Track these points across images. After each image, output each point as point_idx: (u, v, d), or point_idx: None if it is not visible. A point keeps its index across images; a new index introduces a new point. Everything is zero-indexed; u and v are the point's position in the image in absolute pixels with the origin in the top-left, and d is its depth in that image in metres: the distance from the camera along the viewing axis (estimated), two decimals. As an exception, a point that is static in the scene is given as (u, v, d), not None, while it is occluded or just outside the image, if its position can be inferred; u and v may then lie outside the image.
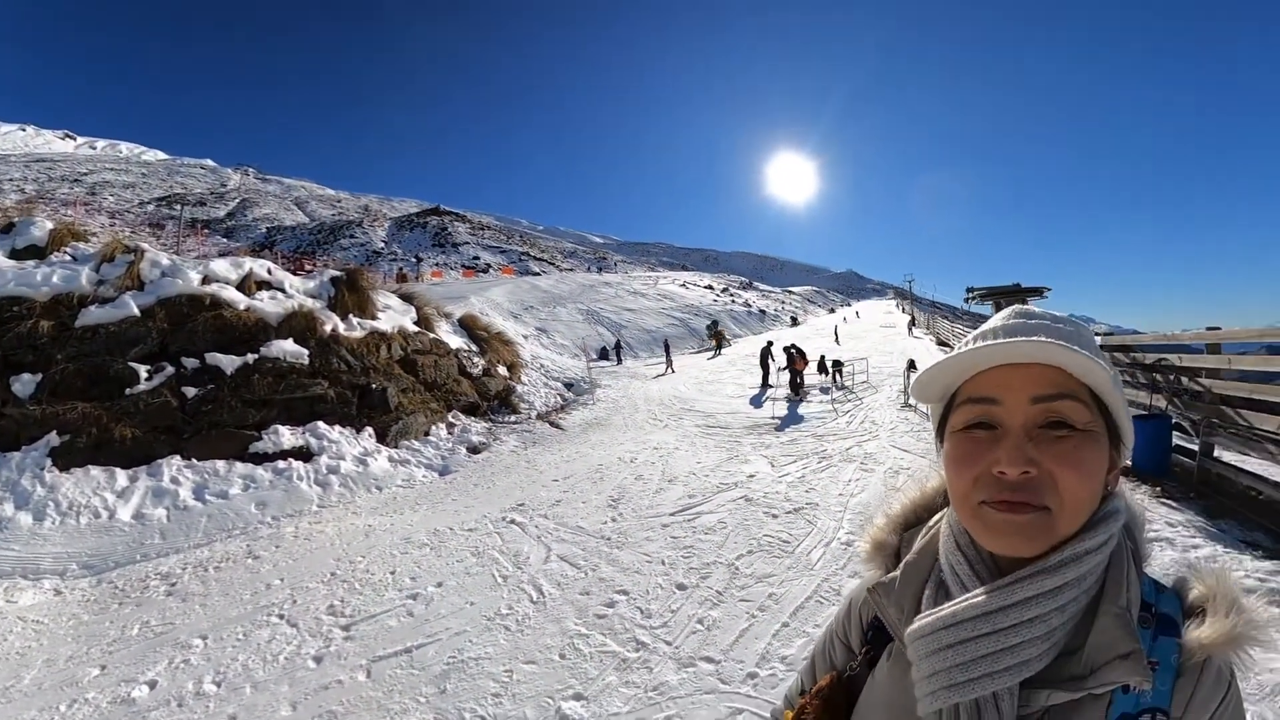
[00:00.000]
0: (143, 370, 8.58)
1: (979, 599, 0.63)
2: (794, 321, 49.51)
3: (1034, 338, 0.63)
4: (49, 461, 7.22)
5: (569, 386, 17.19)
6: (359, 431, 9.66)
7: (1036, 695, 0.61)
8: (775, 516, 6.26)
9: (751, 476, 7.93)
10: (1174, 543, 4.71)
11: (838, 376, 16.61)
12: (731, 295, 52.34)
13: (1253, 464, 5.49)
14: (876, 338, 31.91)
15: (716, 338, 22.50)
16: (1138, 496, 6.70)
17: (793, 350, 16.18)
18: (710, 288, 53.61)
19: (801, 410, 13.01)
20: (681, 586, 4.74)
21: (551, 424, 12.82)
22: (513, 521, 6.65)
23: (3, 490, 6.77)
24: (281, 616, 4.75)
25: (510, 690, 3.54)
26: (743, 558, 5.23)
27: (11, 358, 8.11)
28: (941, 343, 27.00)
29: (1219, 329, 5.95)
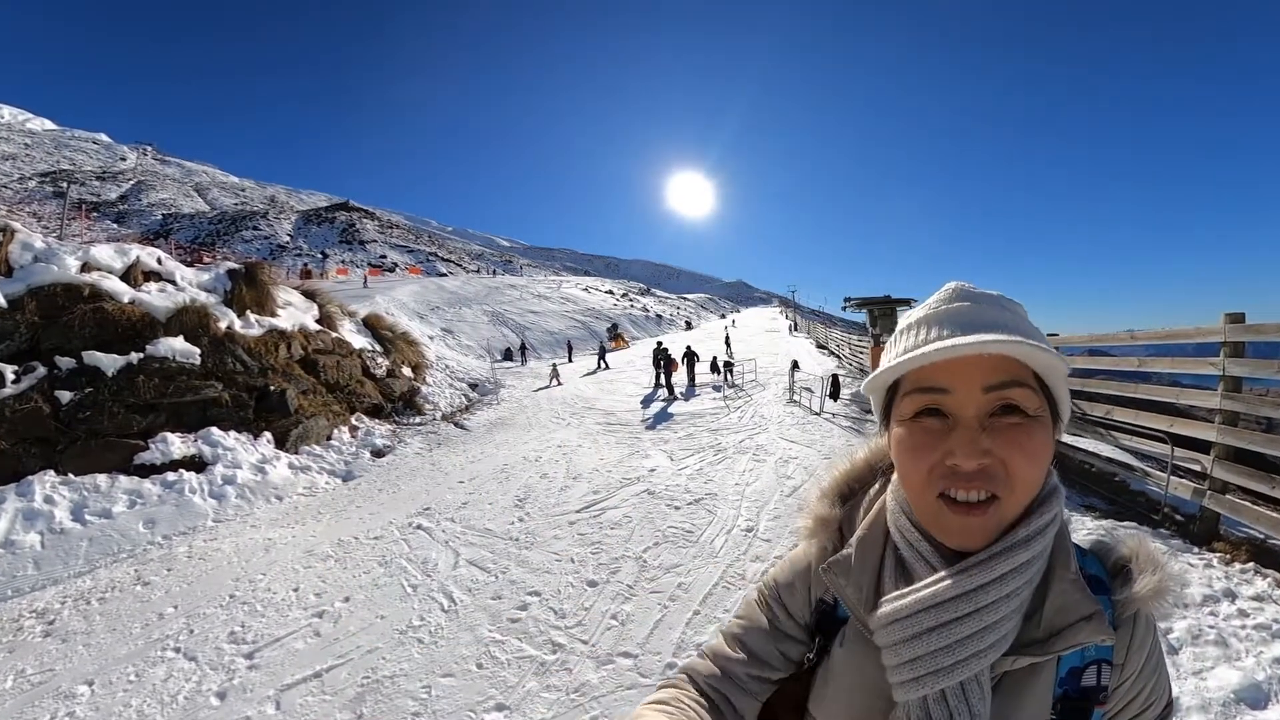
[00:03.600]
0: (9, 371, 7.27)
1: (958, 579, 0.60)
2: (688, 325, 50.65)
3: (993, 335, 0.59)
4: None
5: (474, 387, 16.63)
6: (256, 437, 8.77)
7: (1001, 662, 0.61)
8: (677, 508, 6.26)
9: (652, 470, 7.92)
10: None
11: (728, 376, 17.07)
12: (631, 300, 52.84)
13: (1085, 443, 6.14)
14: (763, 341, 33.16)
15: (603, 351, 22.16)
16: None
17: (667, 352, 16.44)
18: (611, 293, 53.84)
19: (696, 407, 13.25)
20: (592, 583, 4.62)
21: (456, 425, 12.31)
22: (419, 527, 6.26)
23: None
24: (178, 650, 4.13)
25: (430, 707, 3.28)
26: (650, 550, 5.18)
27: None
28: (820, 345, 28.52)
29: (1057, 335, 6.74)
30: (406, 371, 14.48)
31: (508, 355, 25.26)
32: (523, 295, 38.68)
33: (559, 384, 18.33)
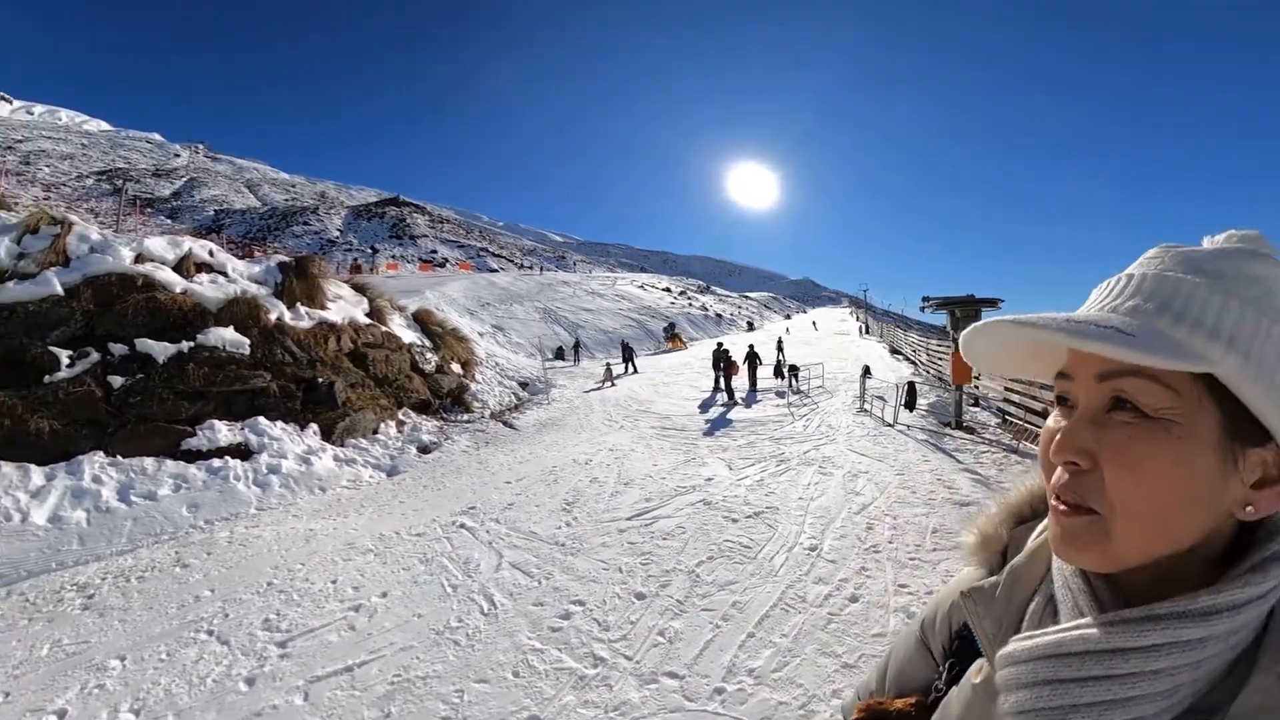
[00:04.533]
0: (64, 356, 7.83)
1: (1092, 631, 0.51)
2: (750, 326, 50.09)
3: (1097, 316, 0.52)
4: None
5: (524, 386, 16.88)
6: (303, 428, 9.14)
7: None
8: (735, 521, 6.15)
9: (709, 480, 7.82)
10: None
11: (793, 381, 16.74)
12: (689, 298, 52.68)
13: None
14: (831, 344, 32.46)
15: (629, 353, 21.90)
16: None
17: (727, 354, 16.23)
18: (668, 290, 53.81)
19: (758, 414, 13.03)
20: (640, 596, 4.57)
21: (505, 424, 12.51)
22: (463, 526, 6.37)
23: None
24: (211, 633, 4.34)
25: (461, 713, 3.30)
26: (703, 564, 5.09)
27: None
28: (894, 350, 27.64)
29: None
30: (456, 368, 14.84)
31: (559, 354, 25.57)
32: (576, 292, 39.06)
33: (612, 385, 18.41)
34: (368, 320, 12.68)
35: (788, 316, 75.63)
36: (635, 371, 21.42)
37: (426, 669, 3.73)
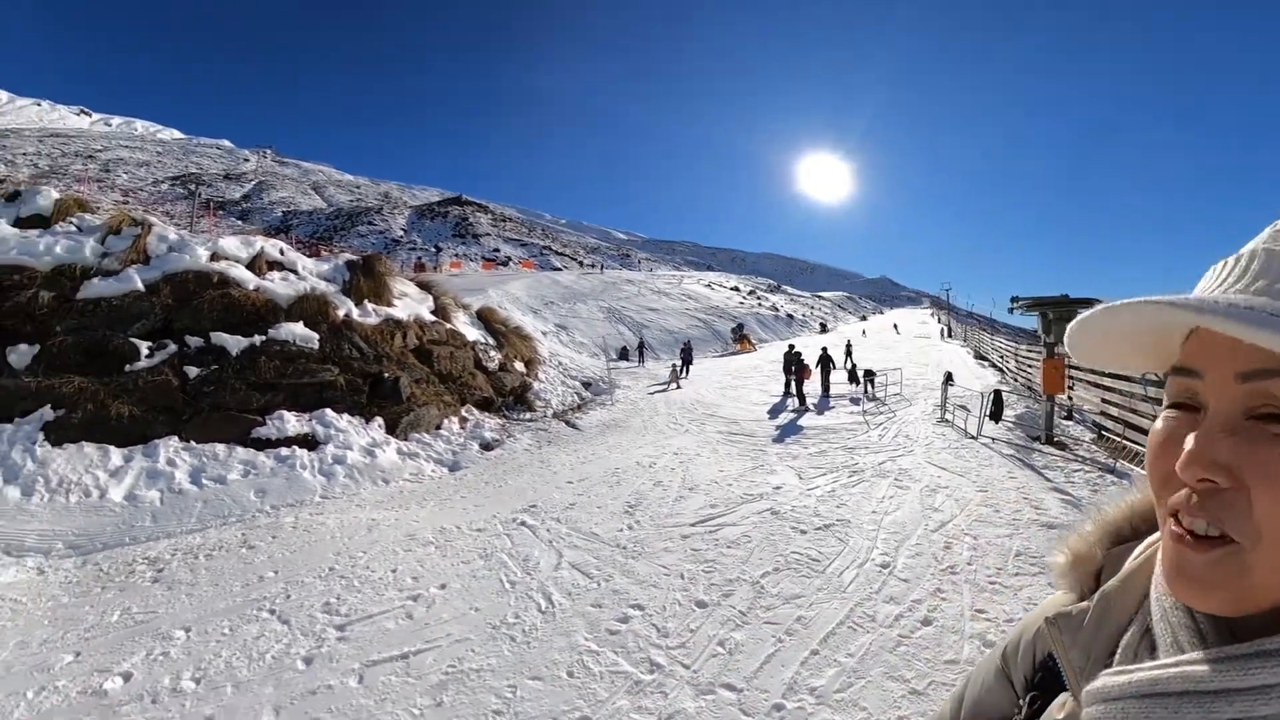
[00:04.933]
0: (144, 347, 8.57)
1: (1194, 669, 0.44)
2: (823, 328, 49.06)
3: (1239, 298, 0.44)
4: (41, 436, 7.22)
5: (587, 386, 17.08)
6: (368, 421, 9.57)
7: None
8: (804, 532, 6.05)
9: (778, 488, 7.72)
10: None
11: (869, 387, 16.28)
12: (758, 298, 52.03)
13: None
14: (910, 348, 31.43)
15: (687, 359, 21.27)
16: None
17: (799, 357, 15.85)
18: (736, 289, 53.31)
19: (830, 421, 12.74)
20: (701, 604, 4.56)
21: (568, 423, 12.69)
22: (524, 524, 6.51)
23: None
24: (272, 612, 4.63)
25: (513, 708, 3.37)
26: (768, 575, 5.03)
27: (9, 327, 8.17)
28: (979, 355, 26.47)
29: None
30: (519, 366, 15.18)
31: (623, 354, 25.74)
32: (640, 291, 39.23)
33: (678, 387, 18.38)
34: (433, 317, 13.14)
35: (863, 318, 73.53)
36: (683, 377, 20.33)
37: (481, 662, 3.83)
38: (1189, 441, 0.45)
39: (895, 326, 52.31)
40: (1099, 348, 0.55)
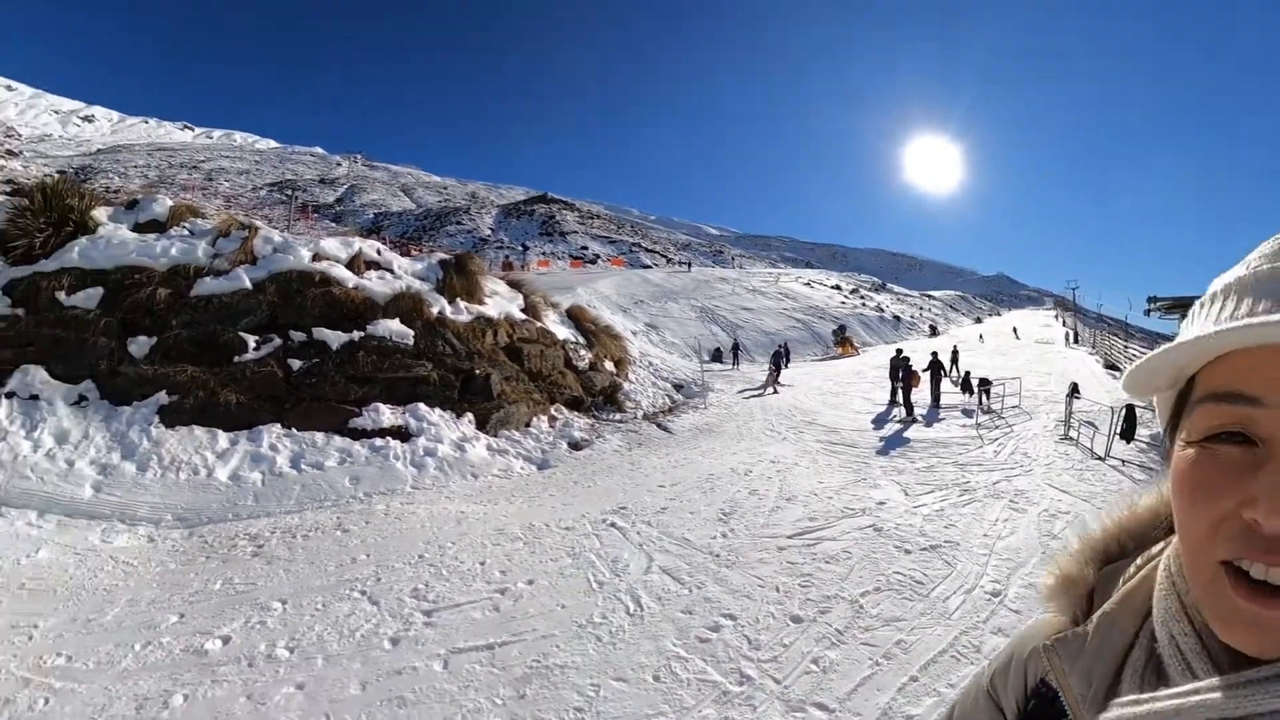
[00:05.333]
0: (251, 340, 9.45)
1: (1215, 696, 0.45)
2: (933, 331, 46.87)
3: None
4: (156, 418, 8.17)
5: (679, 388, 17.12)
6: (459, 416, 10.00)
7: None
8: (908, 552, 5.85)
9: (881, 504, 7.47)
10: None
11: (984, 398, 15.43)
12: (862, 297, 50.40)
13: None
14: (1031, 354, 29.50)
15: (778, 365, 20.21)
16: None
17: (907, 362, 15.13)
18: (838, 288, 51.88)
19: (940, 433, 12.19)
20: (797, 619, 4.50)
21: (659, 426, 12.76)
22: (613, 525, 6.63)
23: (113, 440, 7.77)
24: (364, 593, 4.97)
25: (595, 707, 3.45)
26: (868, 595, 4.91)
27: (130, 321, 9.24)
28: (1110, 365, 24.56)
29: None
30: (609, 366, 15.40)
31: (717, 356, 25.59)
32: (735, 289, 38.80)
33: (774, 391, 18.09)
34: (523, 316, 13.57)
35: (978, 320, 69.47)
36: (780, 382, 19.39)
37: (566, 659, 3.94)
38: (1267, 483, 0.43)
39: (1015, 330, 48.72)
40: (1149, 381, 0.54)
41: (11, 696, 3.62)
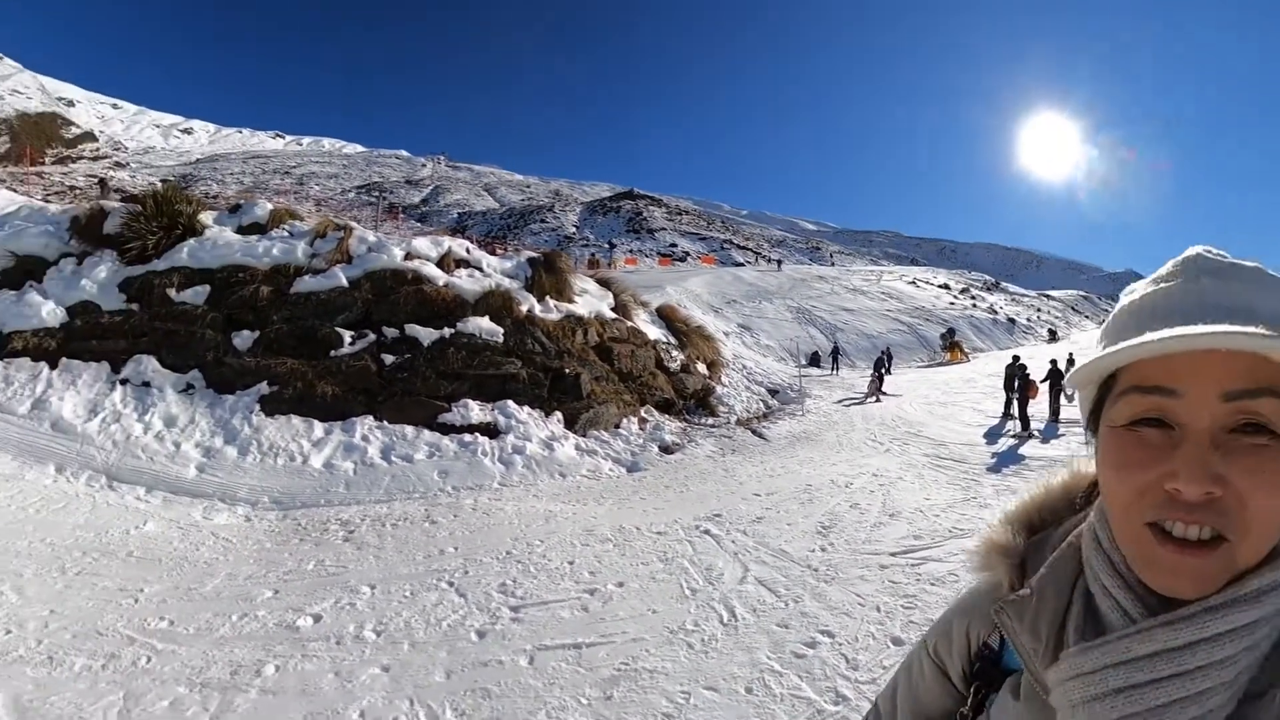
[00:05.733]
0: (347, 335, 10.20)
1: (1159, 632, 0.56)
2: (1052, 336, 44.00)
3: (1247, 327, 0.52)
4: (257, 406, 8.98)
5: (774, 393, 16.91)
6: (548, 415, 10.28)
7: None
8: (1022, 578, 5.55)
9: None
10: None
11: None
12: (973, 298, 47.91)
13: None
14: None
15: (881, 372, 18.98)
16: None
17: (1024, 370, 14.23)
18: (946, 287, 49.53)
19: (1059, 451, 11.46)
20: (898, 641, 4.34)
21: (754, 432, 12.64)
22: (707, 532, 6.61)
23: (216, 426, 8.60)
24: (451, 584, 5.21)
25: (684, 714, 3.46)
26: (977, 622, 4.69)
27: (235, 316, 10.20)
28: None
29: None
30: (701, 368, 15.40)
31: (814, 360, 25.12)
32: (833, 289, 37.83)
33: (877, 399, 17.55)
34: (613, 315, 13.77)
35: (1102, 323, 64.19)
36: (883, 390, 18.67)
37: (655, 664, 3.97)
38: (1184, 459, 0.54)
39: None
40: (1091, 377, 0.65)
41: (117, 653, 4.02)
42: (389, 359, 10.08)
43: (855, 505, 7.76)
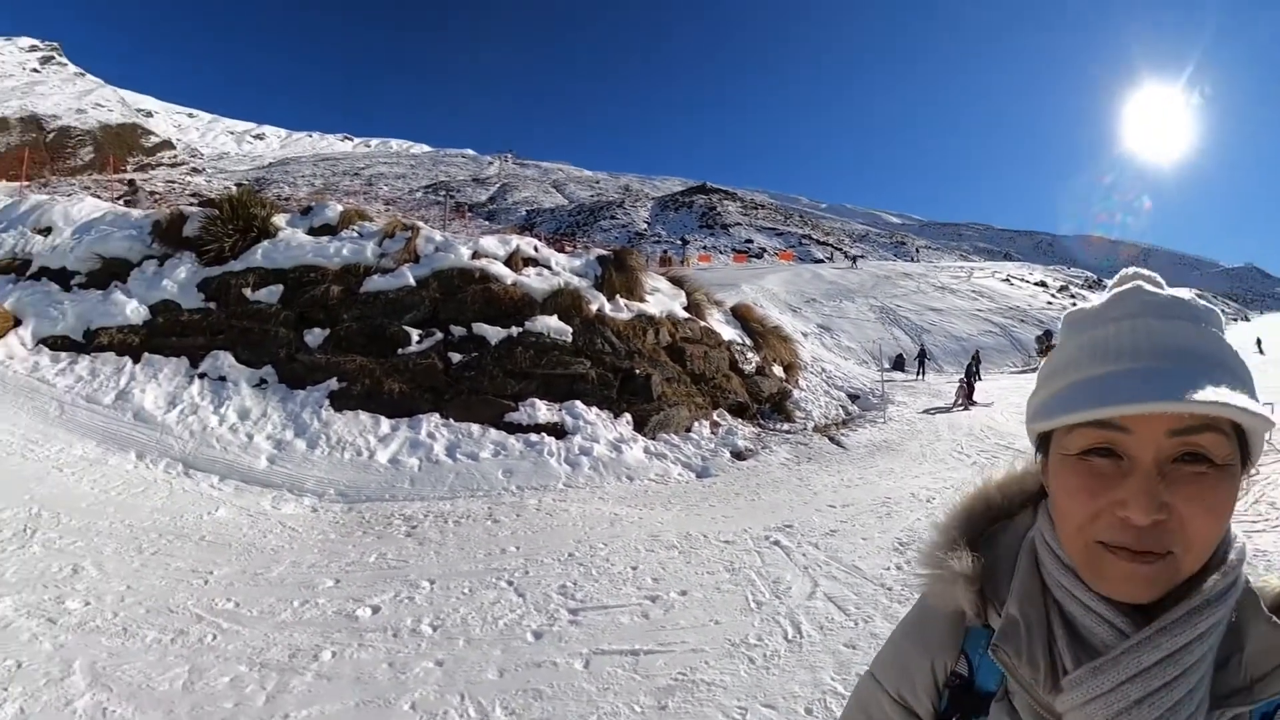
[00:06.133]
0: (415, 334, 10.59)
1: (1159, 639, 0.64)
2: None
3: (1206, 390, 0.61)
4: (327, 402, 9.46)
5: (854, 398, 16.54)
6: (616, 416, 10.32)
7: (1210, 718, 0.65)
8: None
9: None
10: None
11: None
12: (1073, 296, 45.42)
13: None
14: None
15: (970, 379, 17.79)
16: None
17: None
18: (1043, 284, 47.23)
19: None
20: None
21: (831, 439, 12.36)
22: (777, 543, 6.50)
23: (287, 419, 9.11)
24: (510, 583, 5.33)
25: (740, 730, 3.40)
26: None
27: (306, 315, 10.75)
28: None
29: None
30: (777, 371, 15.17)
31: (898, 364, 24.48)
32: (920, 286, 36.60)
33: (965, 408, 16.91)
34: (685, 314, 13.70)
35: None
36: (967, 398, 17.80)
37: (714, 676, 3.93)
38: (1134, 488, 0.62)
39: (1259, 343, 37.18)
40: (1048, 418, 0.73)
41: (186, 629, 4.35)
42: (456, 357, 10.37)
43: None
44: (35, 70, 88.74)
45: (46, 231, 12.04)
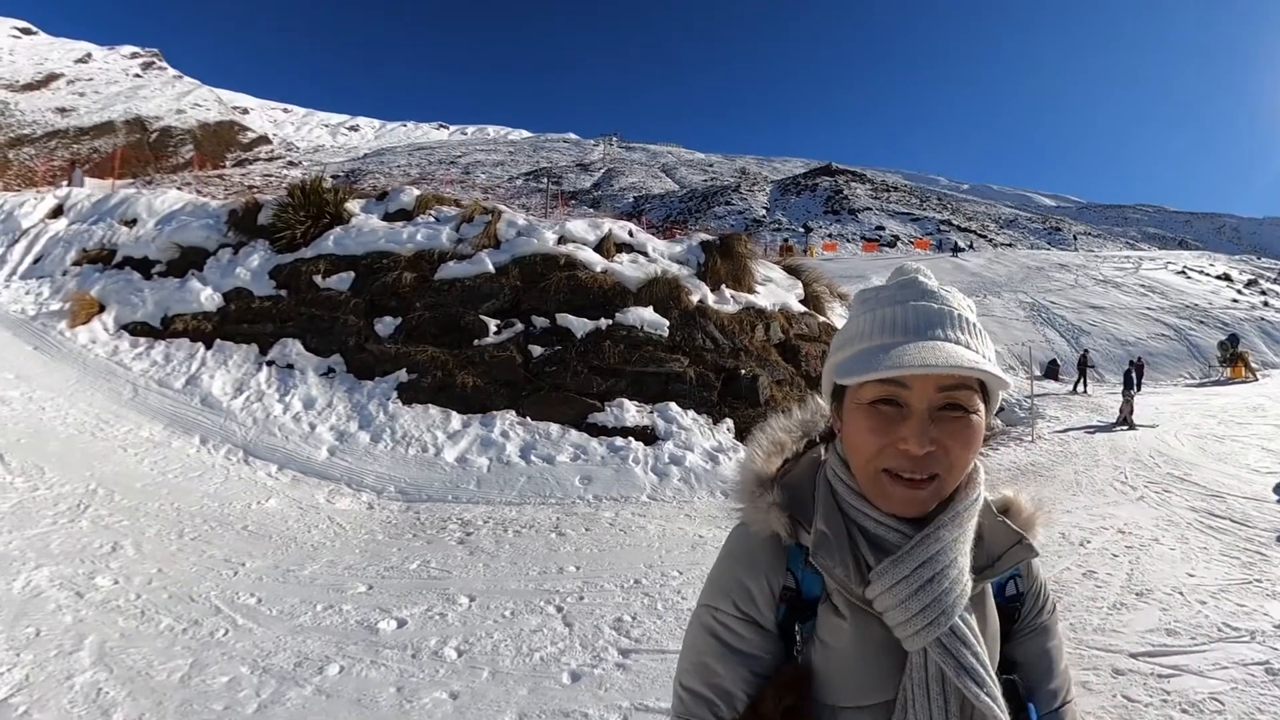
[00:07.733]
0: (492, 324, 10.59)
1: (941, 534, 0.96)
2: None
3: (969, 359, 0.92)
4: (395, 394, 9.64)
5: (998, 411, 15.45)
6: (716, 422, 9.91)
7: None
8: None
9: (1283, 627, 5.53)
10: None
11: None
12: (1264, 292, 40.75)
13: None
14: None
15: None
16: None
17: None
18: (1226, 278, 42.66)
19: None
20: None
21: (967, 458, 11.60)
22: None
23: (352, 410, 9.43)
24: (559, 609, 5.06)
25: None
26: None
27: (377, 303, 11.06)
28: None
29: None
30: (907, 374, 14.45)
31: (1051, 371, 22.91)
32: (1078, 280, 34.27)
33: (1130, 426, 15.39)
34: (801, 308, 13.15)
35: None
36: (1130, 416, 16.09)
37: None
38: (913, 428, 0.92)
39: None
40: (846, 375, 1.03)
41: (201, 620, 4.48)
42: (537, 350, 10.24)
43: (1090, 573, 6.50)
44: (138, 75, 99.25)
45: (132, 223, 13.57)
